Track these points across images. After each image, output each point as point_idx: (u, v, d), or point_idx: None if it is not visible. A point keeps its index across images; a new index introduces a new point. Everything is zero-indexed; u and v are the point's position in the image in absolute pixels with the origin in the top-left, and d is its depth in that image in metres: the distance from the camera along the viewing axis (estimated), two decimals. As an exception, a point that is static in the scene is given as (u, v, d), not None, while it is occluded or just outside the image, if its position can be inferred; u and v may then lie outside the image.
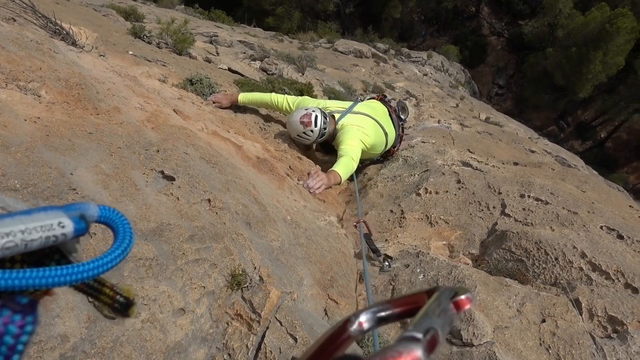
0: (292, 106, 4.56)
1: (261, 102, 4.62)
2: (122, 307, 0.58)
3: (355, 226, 3.15)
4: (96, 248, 1.47)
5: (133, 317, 0.66)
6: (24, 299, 0.44)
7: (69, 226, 0.49)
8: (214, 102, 4.35)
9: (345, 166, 3.98)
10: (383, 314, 0.55)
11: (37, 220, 0.46)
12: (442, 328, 0.44)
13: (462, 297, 0.49)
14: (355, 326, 0.54)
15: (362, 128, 4.38)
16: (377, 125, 4.60)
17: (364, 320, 0.55)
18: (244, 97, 4.51)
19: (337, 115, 4.51)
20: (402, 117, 5.05)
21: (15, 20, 3.43)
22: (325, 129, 4.26)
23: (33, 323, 0.43)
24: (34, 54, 2.50)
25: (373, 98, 5.15)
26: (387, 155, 5.06)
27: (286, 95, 4.79)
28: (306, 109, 4.25)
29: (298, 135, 4.27)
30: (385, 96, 5.18)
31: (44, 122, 1.97)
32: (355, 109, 4.61)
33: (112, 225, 0.55)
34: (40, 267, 0.45)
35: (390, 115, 4.87)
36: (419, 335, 0.41)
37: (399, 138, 5.02)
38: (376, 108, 4.81)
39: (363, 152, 4.37)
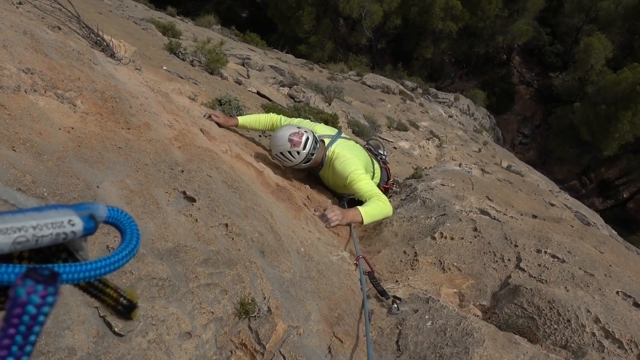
0: (282, 124, 4.21)
1: (257, 122, 4.26)
2: (125, 309, 0.58)
3: (356, 264, 3.06)
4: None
5: (135, 320, 0.66)
6: (46, 270, 0.44)
7: (78, 224, 0.50)
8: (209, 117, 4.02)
9: (373, 207, 3.71)
10: None
11: (48, 217, 0.47)
12: None
13: None
14: None
15: (358, 156, 4.03)
16: (365, 152, 4.35)
17: None
18: (242, 119, 4.20)
19: (326, 141, 4.07)
20: (379, 152, 4.89)
21: (60, 29, 3.56)
22: (312, 155, 3.80)
23: (54, 294, 0.43)
24: (75, 64, 2.58)
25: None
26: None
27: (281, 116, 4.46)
28: (298, 127, 3.79)
29: (281, 153, 3.74)
30: None
31: (77, 132, 2.02)
32: (343, 135, 4.30)
33: (120, 226, 0.57)
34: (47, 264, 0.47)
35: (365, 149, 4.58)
36: None
37: (385, 171, 4.78)
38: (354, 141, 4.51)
39: None
